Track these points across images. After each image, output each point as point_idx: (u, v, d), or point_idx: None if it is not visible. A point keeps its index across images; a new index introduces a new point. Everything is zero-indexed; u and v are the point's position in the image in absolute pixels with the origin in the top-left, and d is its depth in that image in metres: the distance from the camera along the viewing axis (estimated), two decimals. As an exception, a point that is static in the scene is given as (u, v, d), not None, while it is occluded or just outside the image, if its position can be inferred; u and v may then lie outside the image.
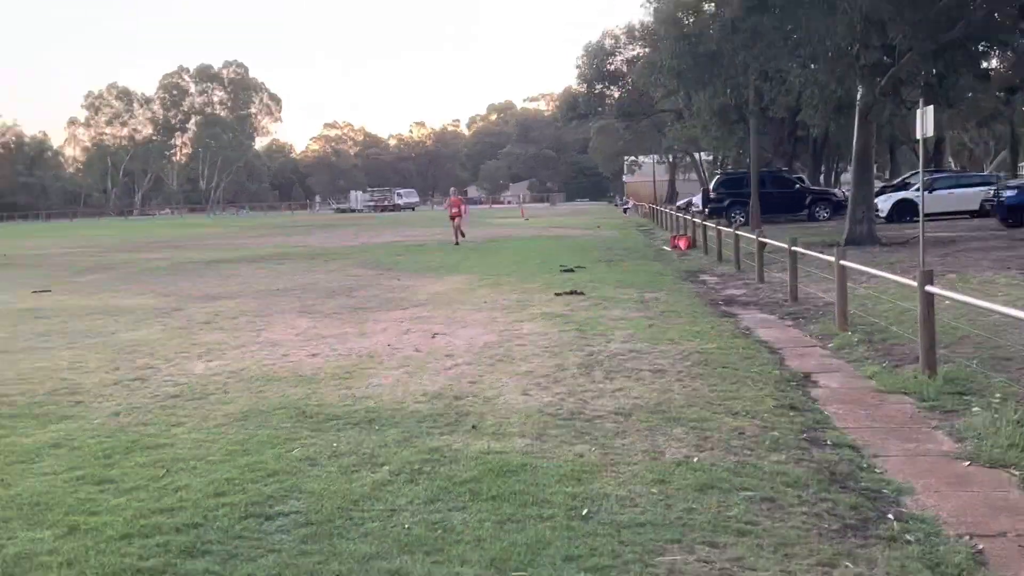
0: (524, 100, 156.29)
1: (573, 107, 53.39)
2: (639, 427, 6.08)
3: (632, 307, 12.28)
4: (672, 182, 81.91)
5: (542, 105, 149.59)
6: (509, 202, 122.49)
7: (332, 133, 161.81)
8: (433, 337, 10.17)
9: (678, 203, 50.39)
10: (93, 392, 7.66)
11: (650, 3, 34.55)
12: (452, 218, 29.33)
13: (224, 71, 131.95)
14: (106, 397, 7.46)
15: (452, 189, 38.68)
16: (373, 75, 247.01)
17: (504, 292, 14.55)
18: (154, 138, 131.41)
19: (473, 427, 6.17)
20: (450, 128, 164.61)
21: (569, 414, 6.48)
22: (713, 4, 23.31)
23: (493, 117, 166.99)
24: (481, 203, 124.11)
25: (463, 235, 29.05)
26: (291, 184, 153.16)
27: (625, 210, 65.61)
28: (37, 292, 16.72)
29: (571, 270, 17.99)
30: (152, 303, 14.55)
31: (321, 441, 5.93)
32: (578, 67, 50.98)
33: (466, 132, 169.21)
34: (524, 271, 18.26)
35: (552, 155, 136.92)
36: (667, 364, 8.21)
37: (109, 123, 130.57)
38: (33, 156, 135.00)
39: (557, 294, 13.91)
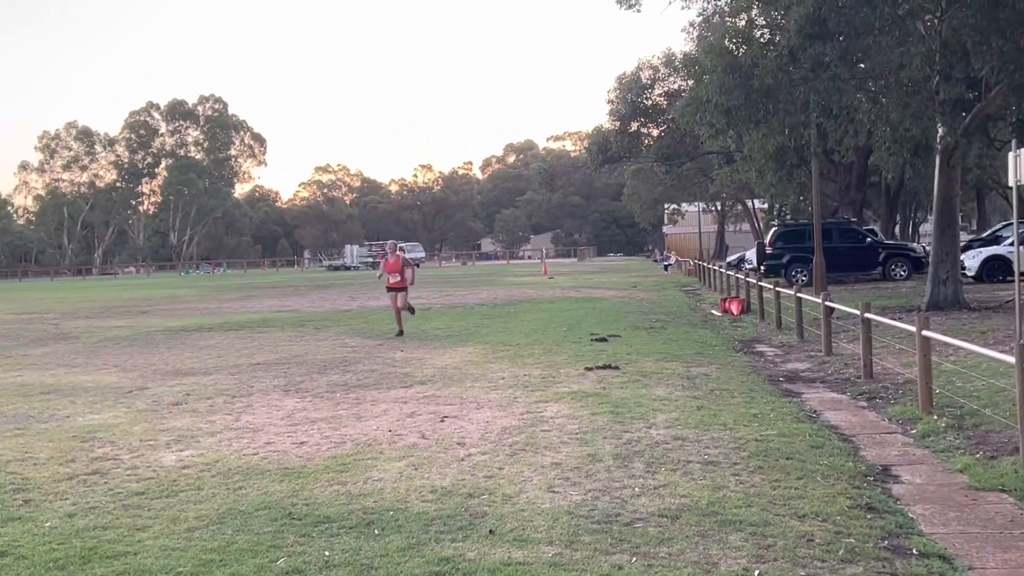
0: (547, 139, 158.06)
1: (604, 148, 53.84)
2: (687, 532, 6.03)
3: (677, 385, 12.25)
4: (721, 234, 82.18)
5: (568, 145, 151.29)
6: (529, 257, 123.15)
7: (324, 178, 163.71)
8: (442, 421, 10.17)
9: (728, 259, 50.51)
10: (44, 489, 7.68)
11: (693, 29, 35.07)
12: (391, 288, 21.08)
13: (200, 107, 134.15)
14: (59, 495, 7.47)
15: (391, 244, 25.57)
16: (372, 112, 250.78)
17: (525, 366, 14.55)
18: (118, 185, 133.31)
19: (490, 532, 6.14)
20: (461, 171, 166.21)
21: (604, 516, 6.43)
22: (767, 31, 23.63)
23: (511, 159, 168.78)
24: (497, 258, 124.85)
25: (411, 311, 21.72)
26: (276, 237, 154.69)
27: (666, 267, 65.75)
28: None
29: (604, 339, 18.00)
30: (113, 380, 14.63)
31: (311, 549, 5.90)
32: (610, 102, 51.49)
33: (480, 176, 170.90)
34: (548, 340, 18.28)
35: (580, 203, 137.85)
36: (719, 455, 8.16)
37: (67, 167, 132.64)
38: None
39: (588, 369, 13.90)
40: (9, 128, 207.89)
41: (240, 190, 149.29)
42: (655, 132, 51.73)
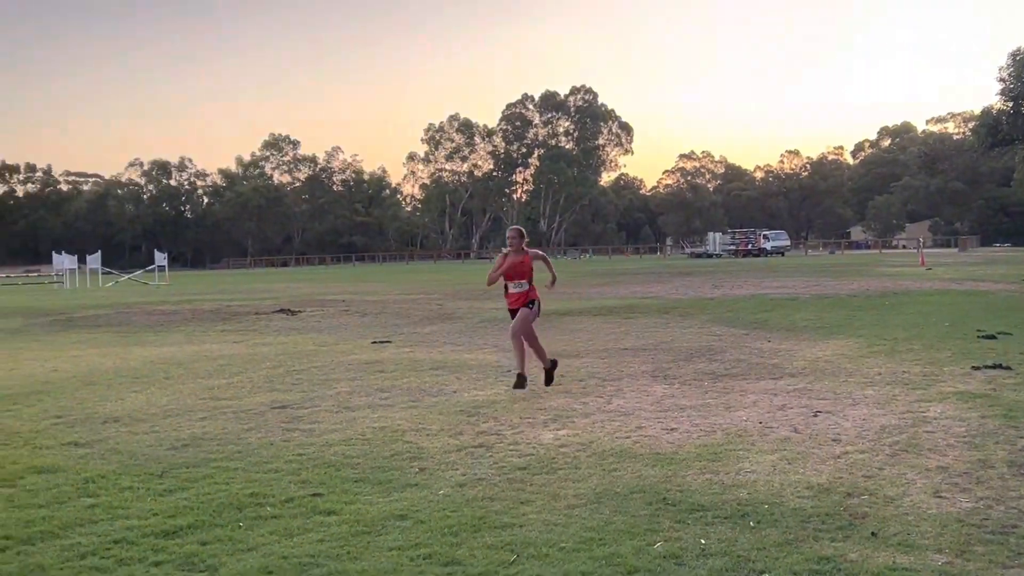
0: (927, 122, 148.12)
1: (994, 130, 49.93)
2: (1100, 554, 5.46)
3: (1080, 389, 11.11)
4: None
5: (951, 127, 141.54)
6: (903, 246, 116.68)
7: (688, 165, 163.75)
8: (815, 416, 9.87)
9: None
10: (436, 458, 8.26)
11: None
12: (513, 307, 12.52)
13: (571, 98, 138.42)
14: (450, 465, 8.01)
15: (512, 231, 12.88)
16: (736, 96, 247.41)
17: (903, 362, 13.80)
18: (494, 174, 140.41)
19: (873, 534, 5.88)
20: (831, 156, 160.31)
21: (999, 527, 5.97)
22: None
23: (886, 143, 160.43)
24: (867, 247, 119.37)
25: (547, 367, 12.52)
26: (639, 224, 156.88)
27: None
28: (377, 343, 18.40)
29: (993, 336, 16.68)
30: (493, 359, 15.47)
31: (686, 535, 5.93)
32: (1001, 80, 47.69)
33: (851, 161, 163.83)
34: (928, 336, 17.21)
35: (963, 189, 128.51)
36: None
37: (449, 158, 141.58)
38: (371, 194, 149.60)
39: (975, 368, 12.94)
40: (400, 122, 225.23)
41: (606, 178, 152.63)
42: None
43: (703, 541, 5.82)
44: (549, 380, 12.36)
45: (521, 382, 11.80)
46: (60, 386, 13.27)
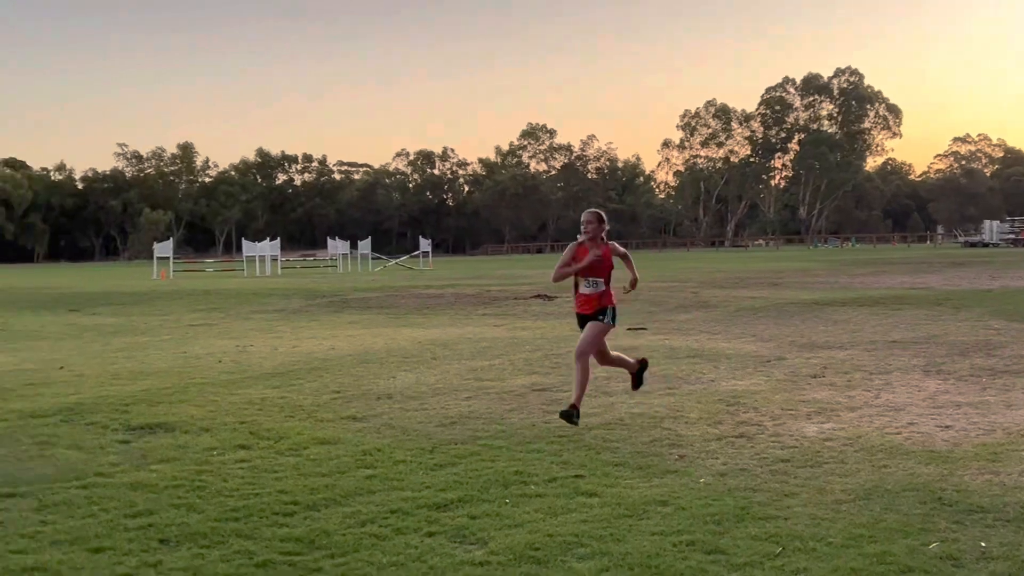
0: None
1: None
2: None
3: None
4: None
5: None
6: None
7: (962, 149, 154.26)
8: (1110, 418, 9.11)
9: None
10: (696, 447, 8.22)
11: None
12: (585, 303, 10.01)
13: (834, 80, 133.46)
14: (710, 453, 7.96)
15: (589, 214, 9.76)
16: (1018, 75, 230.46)
17: None
18: (751, 160, 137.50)
19: None
20: None
21: None
22: None
23: None
24: None
25: (634, 378, 10.38)
26: (907, 212, 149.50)
27: None
28: (632, 330, 18.47)
29: None
30: (752, 349, 15.19)
31: (964, 537, 5.65)
32: None
33: None
34: None
35: None
36: None
37: (704, 144, 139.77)
38: (625, 181, 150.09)
39: None
40: (657, 109, 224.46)
41: (871, 163, 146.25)
42: None
43: (983, 544, 5.52)
44: (637, 384, 10.24)
45: (570, 415, 8.99)
46: (337, 363, 14.12)
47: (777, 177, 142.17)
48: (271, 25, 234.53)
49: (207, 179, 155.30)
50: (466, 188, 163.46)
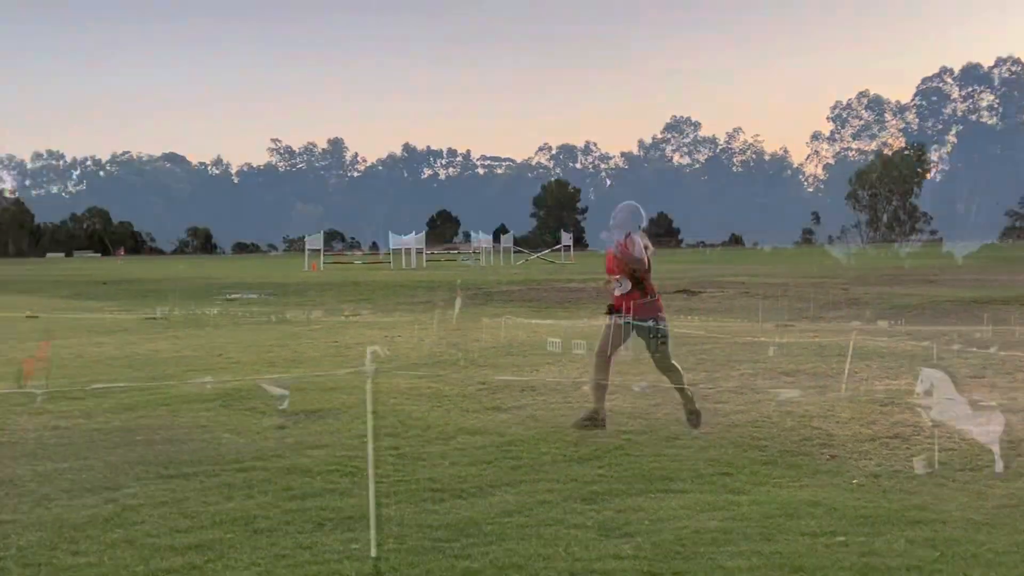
0: None
1: None
2: None
3: None
4: None
5: None
6: None
7: None
8: None
9: None
10: (848, 447, 8.02)
11: None
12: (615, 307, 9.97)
13: (995, 70, 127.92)
14: (863, 454, 7.74)
15: (623, 207, 10.40)
16: None
17: None
18: (905, 152, 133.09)
19: None
20: None
21: None
22: None
23: None
24: None
25: (683, 398, 9.23)
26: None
27: None
28: (780, 326, 18.13)
29: None
30: (905, 348, 14.68)
31: None
32: None
33: None
34: None
35: None
36: None
37: (856, 136, 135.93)
38: (771, 174, 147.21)
39: None
40: (803, 101, 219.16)
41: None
42: None
43: None
44: (586, 424, 8.81)
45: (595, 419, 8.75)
46: (481, 355, 14.29)
47: (934, 169, 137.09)
48: (414, 23, 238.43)
49: (355, 173, 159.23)
50: (608, 182, 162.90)
